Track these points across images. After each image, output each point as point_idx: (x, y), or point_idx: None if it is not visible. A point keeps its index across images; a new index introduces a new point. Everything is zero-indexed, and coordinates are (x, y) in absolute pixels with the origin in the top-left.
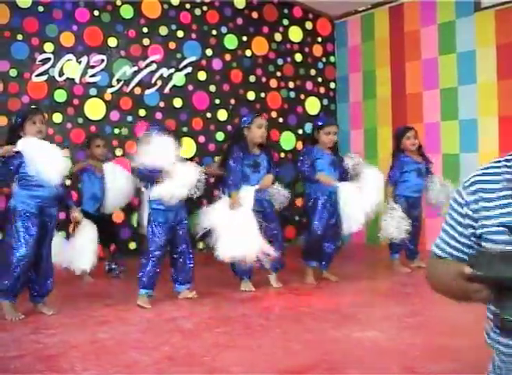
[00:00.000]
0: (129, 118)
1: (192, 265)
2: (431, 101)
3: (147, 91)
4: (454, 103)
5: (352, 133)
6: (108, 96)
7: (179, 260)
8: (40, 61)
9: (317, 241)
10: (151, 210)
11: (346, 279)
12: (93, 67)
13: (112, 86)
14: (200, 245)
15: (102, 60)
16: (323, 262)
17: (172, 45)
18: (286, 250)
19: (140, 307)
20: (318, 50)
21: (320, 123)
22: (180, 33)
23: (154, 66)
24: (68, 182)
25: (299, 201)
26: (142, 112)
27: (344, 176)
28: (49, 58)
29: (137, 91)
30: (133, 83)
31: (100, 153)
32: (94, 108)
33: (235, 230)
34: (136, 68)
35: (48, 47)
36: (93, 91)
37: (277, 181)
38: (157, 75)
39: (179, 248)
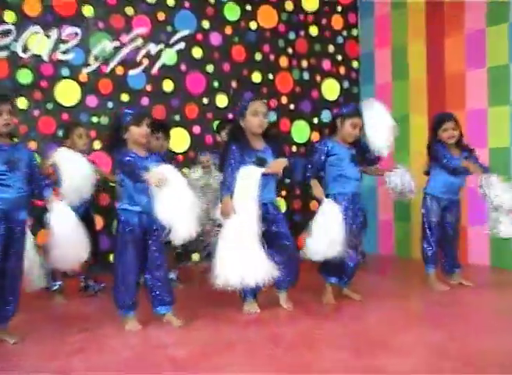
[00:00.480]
0: (110, 104)
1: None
2: (476, 83)
3: (131, 72)
4: (505, 85)
5: None
6: (83, 77)
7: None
8: None
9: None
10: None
11: (371, 297)
12: (65, 42)
13: (89, 65)
14: (196, 257)
15: (76, 33)
16: (344, 278)
17: (161, 16)
18: (300, 263)
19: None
20: (337, 22)
21: (346, 111)
22: (171, 1)
23: (139, 41)
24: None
25: (314, 204)
26: (125, 97)
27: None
28: (10, 31)
29: (119, 71)
30: (113, 62)
31: (82, 144)
32: (67, 92)
33: (236, 250)
34: (117, 43)
35: (9, 16)
36: (65, 71)
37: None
38: (143, 52)
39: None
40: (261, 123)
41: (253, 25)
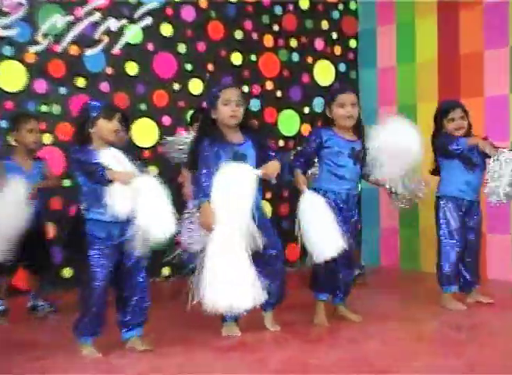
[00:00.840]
0: (62, 90)
1: (148, 303)
2: (496, 65)
3: (88, 52)
4: None
5: (381, 111)
6: (30, 57)
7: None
8: None
9: (330, 265)
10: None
11: (371, 318)
12: (6, 14)
13: (37, 43)
14: (166, 272)
15: (20, 4)
16: (338, 294)
17: None
18: (288, 277)
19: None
20: None
21: (330, 95)
22: None
23: (97, 16)
24: None
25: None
26: (81, 82)
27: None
28: None
29: (73, 50)
30: (67, 40)
31: (33, 141)
32: (10, 75)
33: (224, 269)
34: (71, 17)
35: None
36: (7, 50)
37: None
38: (102, 28)
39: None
40: (234, 113)
41: None
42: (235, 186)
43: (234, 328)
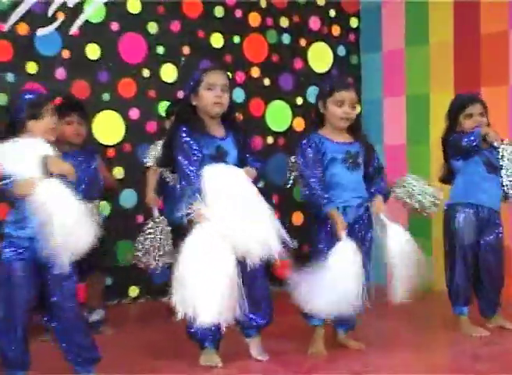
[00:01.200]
0: (10, 77)
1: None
2: None
3: (40, 31)
4: None
5: (386, 103)
6: None
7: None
8: None
9: None
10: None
11: (376, 346)
12: None
13: None
14: (135, 292)
15: None
16: (344, 322)
17: None
18: (280, 297)
19: None
20: None
21: (326, 89)
22: None
23: None
24: None
25: (297, 217)
26: (32, 68)
27: (376, 185)
28: None
29: (22, 30)
30: (14, 18)
31: None
32: None
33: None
34: None
35: None
36: None
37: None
38: (56, 3)
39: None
40: (220, 99)
41: None
42: (230, 191)
43: (214, 356)
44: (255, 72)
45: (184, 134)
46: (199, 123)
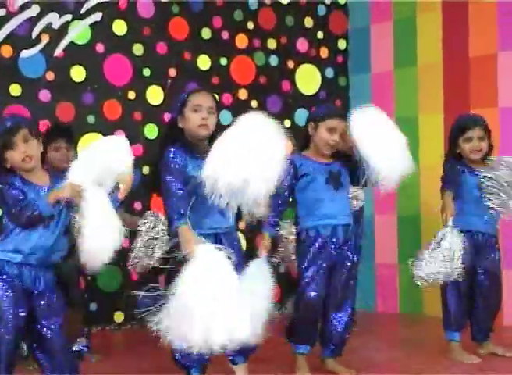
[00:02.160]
0: None
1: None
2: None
3: (24, 53)
4: None
5: None
6: None
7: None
8: None
9: (311, 311)
10: None
11: (368, 373)
12: None
13: None
14: (120, 318)
15: None
16: (330, 345)
17: None
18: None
19: None
20: None
21: (320, 113)
22: None
23: (35, 9)
24: None
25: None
26: (15, 90)
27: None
28: None
29: (6, 52)
30: None
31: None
32: None
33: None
34: (2, 11)
35: None
36: None
37: None
38: (41, 25)
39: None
40: (206, 121)
41: None
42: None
43: None
44: (242, 94)
45: (172, 156)
46: (187, 143)
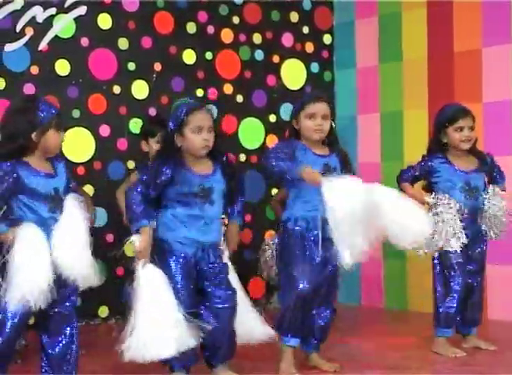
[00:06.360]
0: None
1: None
2: (497, 65)
3: (8, 47)
4: None
5: (360, 120)
6: None
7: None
8: None
9: (299, 305)
10: None
11: (350, 367)
12: None
13: None
14: (104, 312)
15: None
16: (312, 340)
17: None
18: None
19: None
20: None
21: (298, 104)
22: None
23: (19, 2)
24: None
25: (270, 235)
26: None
27: None
28: None
29: None
30: None
31: None
32: None
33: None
34: None
35: None
36: None
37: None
38: (25, 18)
39: None
40: (207, 142)
41: None
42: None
43: None
44: (228, 88)
45: (164, 168)
46: (182, 163)
